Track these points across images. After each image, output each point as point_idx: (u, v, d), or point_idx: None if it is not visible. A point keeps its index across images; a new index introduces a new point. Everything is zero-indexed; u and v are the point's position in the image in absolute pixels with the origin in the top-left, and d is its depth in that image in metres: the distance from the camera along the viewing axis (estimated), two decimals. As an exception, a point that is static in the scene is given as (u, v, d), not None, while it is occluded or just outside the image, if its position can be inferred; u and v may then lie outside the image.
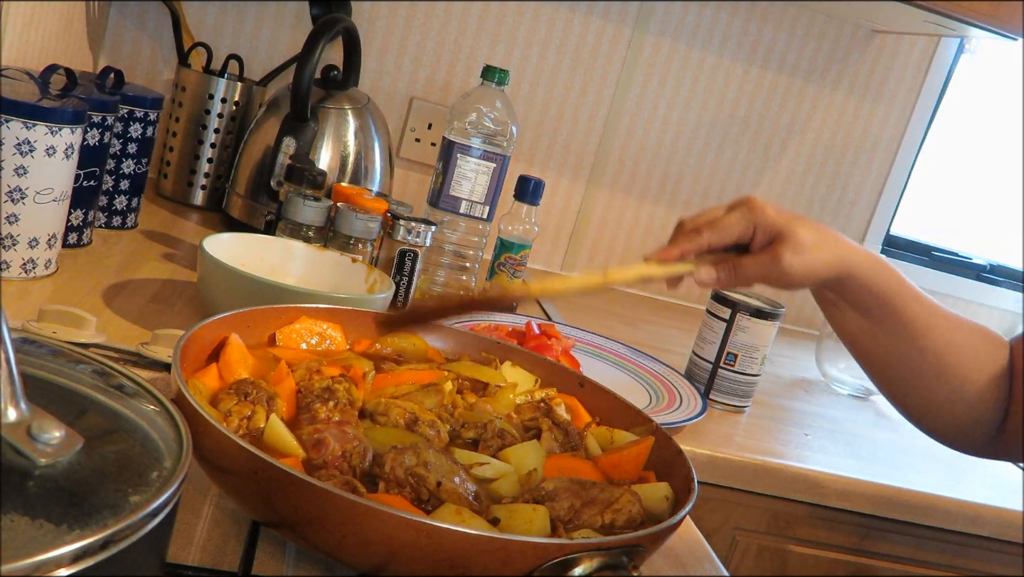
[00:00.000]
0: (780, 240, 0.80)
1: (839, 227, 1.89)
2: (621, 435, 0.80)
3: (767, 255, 0.81)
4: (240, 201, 1.42)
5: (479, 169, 1.33)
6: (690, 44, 1.75)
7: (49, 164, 0.98)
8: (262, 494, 0.58)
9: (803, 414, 1.39)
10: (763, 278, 0.82)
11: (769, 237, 0.81)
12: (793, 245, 0.79)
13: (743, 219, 0.81)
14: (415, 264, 1.20)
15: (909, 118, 1.86)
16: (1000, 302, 2.01)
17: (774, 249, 0.80)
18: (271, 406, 0.69)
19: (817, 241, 0.80)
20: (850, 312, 0.85)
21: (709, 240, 0.81)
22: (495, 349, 0.91)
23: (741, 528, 1.21)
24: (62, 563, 0.38)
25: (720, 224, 0.81)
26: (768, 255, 0.80)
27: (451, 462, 0.65)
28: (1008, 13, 1.36)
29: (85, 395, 0.53)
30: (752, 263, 0.81)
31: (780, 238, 0.80)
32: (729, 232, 0.81)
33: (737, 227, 0.81)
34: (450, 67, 1.68)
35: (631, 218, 1.82)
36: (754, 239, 0.82)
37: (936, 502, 1.23)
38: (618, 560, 0.58)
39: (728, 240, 0.82)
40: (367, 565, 0.58)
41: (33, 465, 0.43)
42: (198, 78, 1.47)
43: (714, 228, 0.81)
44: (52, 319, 0.87)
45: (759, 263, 0.81)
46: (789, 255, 0.79)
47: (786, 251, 0.79)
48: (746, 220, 0.81)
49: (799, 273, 0.80)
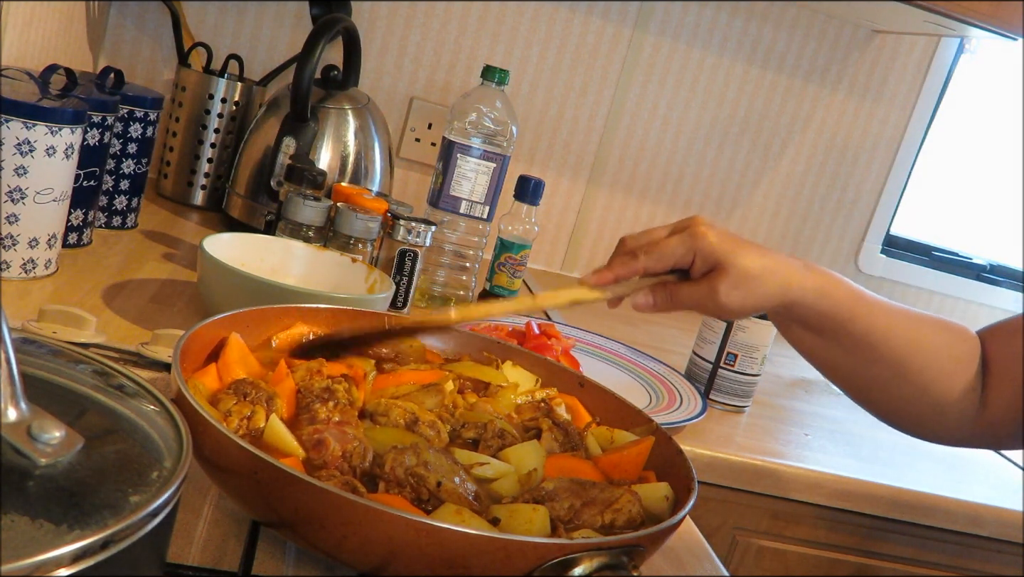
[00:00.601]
0: (719, 271, 0.78)
1: (839, 227, 1.90)
2: (621, 435, 0.80)
3: (704, 286, 0.78)
4: (240, 201, 1.42)
5: (479, 169, 1.33)
6: (690, 44, 1.75)
7: (49, 164, 0.98)
8: (262, 494, 0.58)
9: (803, 414, 1.39)
10: (699, 308, 0.80)
11: (708, 265, 0.78)
12: (732, 278, 0.77)
13: (682, 245, 0.78)
14: (415, 264, 1.20)
15: (909, 118, 1.86)
16: (1000, 302, 2.01)
17: (712, 280, 0.78)
18: (271, 406, 0.69)
19: (759, 273, 0.77)
20: (800, 330, 0.84)
21: (645, 265, 0.79)
22: (496, 349, 0.91)
23: (741, 528, 1.21)
24: (62, 563, 0.38)
25: (658, 249, 0.79)
26: (705, 286, 0.78)
27: (451, 462, 0.65)
28: (1008, 13, 1.36)
29: (85, 395, 0.53)
30: (688, 292, 0.79)
31: (719, 269, 0.78)
32: (666, 258, 0.78)
33: (675, 253, 0.78)
34: (450, 67, 1.68)
35: (631, 218, 1.82)
36: (693, 265, 0.79)
37: (936, 502, 1.23)
38: (618, 560, 0.58)
39: (664, 266, 0.79)
40: (367, 565, 0.58)
41: (33, 465, 0.43)
42: (198, 78, 1.47)
43: (651, 253, 0.79)
44: (52, 319, 0.87)
45: (695, 293, 0.79)
46: (725, 288, 0.77)
47: (722, 284, 0.77)
48: (685, 246, 0.78)
49: (735, 307, 0.78)
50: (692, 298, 0.79)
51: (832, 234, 1.91)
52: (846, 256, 1.92)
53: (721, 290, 0.77)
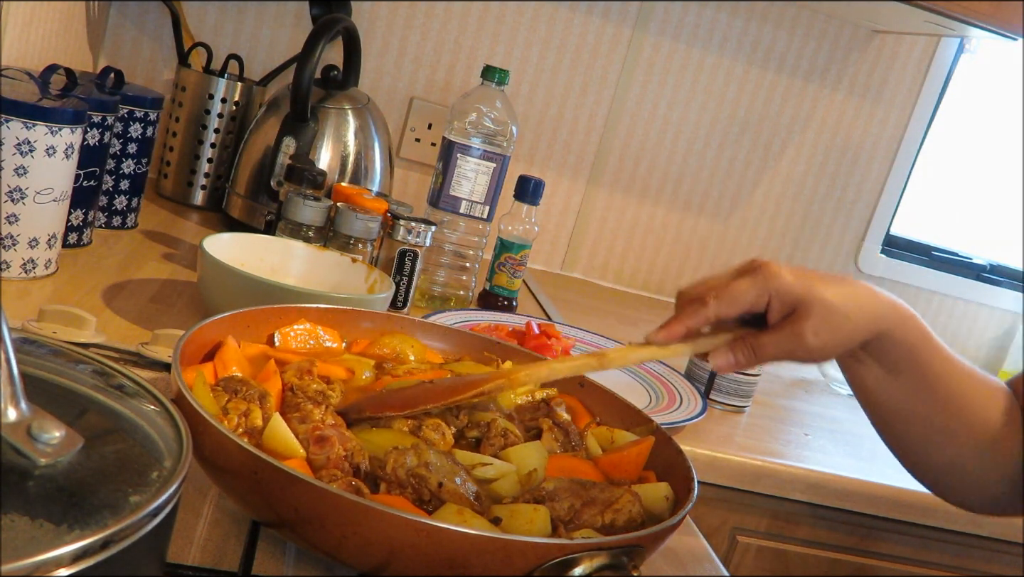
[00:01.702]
0: (801, 311, 0.70)
1: (839, 227, 1.90)
2: (621, 435, 0.80)
3: (788, 332, 0.71)
4: (240, 201, 1.42)
5: (479, 169, 1.33)
6: (690, 44, 1.75)
7: (49, 164, 0.98)
8: (262, 494, 0.58)
9: (803, 414, 1.39)
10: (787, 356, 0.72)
11: (788, 307, 0.71)
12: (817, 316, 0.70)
13: (755, 287, 0.71)
14: (415, 264, 1.20)
15: (909, 118, 1.86)
16: (1000, 302, 2.01)
17: (795, 323, 0.70)
18: (264, 404, 0.68)
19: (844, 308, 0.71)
20: (873, 366, 0.77)
21: (717, 312, 0.71)
22: (496, 349, 0.91)
23: (741, 528, 1.21)
24: (62, 563, 0.38)
25: (728, 292, 0.71)
26: (789, 332, 0.71)
27: (452, 463, 0.65)
28: (1008, 13, 1.36)
29: (85, 395, 0.53)
30: (771, 341, 0.71)
31: (801, 308, 0.70)
32: (739, 302, 0.71)
33: (748, 295, 0.71)
34: (450, 67, 1.68)
35: (631, 218, 1.82)
36: (769, 308, 0.71)
37: (936, 502, 1.22)
38: (618, 560, 0.58)
39: (737, 311, 0.72)
40: (367, 565, 0.58)
41: (33, 465, 0.43)
42: (198, 78, 1.47)
43: (721, 297, 0.71)
44: (52, 319, 0.87)
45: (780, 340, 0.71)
46: (813, 328, 0.70)
47: (808, 324, 0.70)
48: (758, 288, 0.71)
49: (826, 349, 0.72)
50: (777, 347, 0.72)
51: (832, 234, 1.91)
52: (846, 256, 1.92)
53: (807, 335, 0.70)
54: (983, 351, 2.03)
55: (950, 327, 2.01)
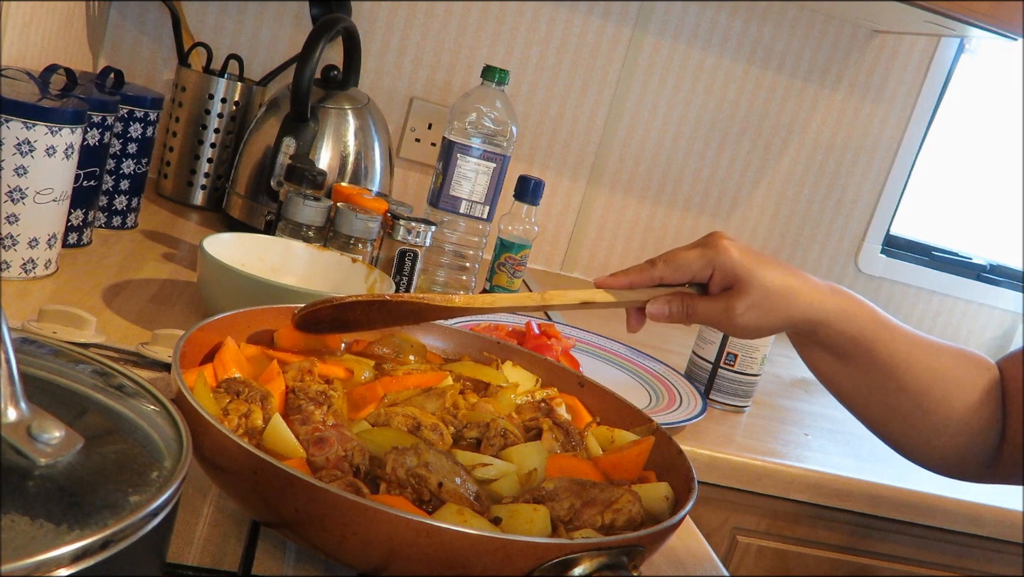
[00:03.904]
0: (738, 288, 0.74)
1: (839, 227, 1.90)
2: (621, 435, 0.80)
3: (721, 303, 0.75)
4: (240, 201, 1.42)
5: (479, 169, 1.33)
6: (690, 44, 1.75)
7: (49, 164, 0.98)
8: (262, 494, 0.58)
9: (803, 414, 1.39)
10: (714, 324, 0.77)
11: (727, 281, 0.75)
12: (751, 297, 0.74)
13: (701, 257, 0.75)
14: (415, 264, 1.20)
15: (909, 118, 1.86)
16: (1000, 302, 2.01)
17: (729, 298, 0.75)
18: (265, 405, 0.68)
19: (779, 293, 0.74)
20: (824, 353, 0.80)
21: (662, 274, 0.76)
22: (496, 349, 0.91)
23: (741, 528, 1.21)
24: (62, 563, 0.38)
25: (676, 259, 0.76)
26: (722, 303, 0.75)
27: (452, 463, 0.65)
28: (1008, 13, 1.36)
29: (85, 395, 0.53)
30: (705, 307, 0.76)
31: (738, 286, 0.74)
32: (684, 269, 0.76)
33: (694, 264, 0.75)
34: (450, 67, 1.68)
35: (631, 218, 1.82)
36: (711, 280, 0.76)
37: (936, 502, 1.23)
38: (618, 560, 0.58)
39: (682, 277, 0.76)
40: (367, 565, 0.58)
41: (33, 465, 0.43)
42: (198, 78, 1.47)
43: (669, 262, 0.76)
44: (52, 319, 0.87)
45: (712, 309, 0.76)
46: (743, 308, 0.74)
47: (740, 302, 0.74)
48: (705, 258, 0.75)
49: (751, 327, 0.75)
50: (708, 314, 0.76)
51: (832, 234, 1.91)
52: (846, 256, 1.92)
53: (737, 310, 0.74)
54: (983, 351, 2.02)
55: (950, 327, 2.01)
